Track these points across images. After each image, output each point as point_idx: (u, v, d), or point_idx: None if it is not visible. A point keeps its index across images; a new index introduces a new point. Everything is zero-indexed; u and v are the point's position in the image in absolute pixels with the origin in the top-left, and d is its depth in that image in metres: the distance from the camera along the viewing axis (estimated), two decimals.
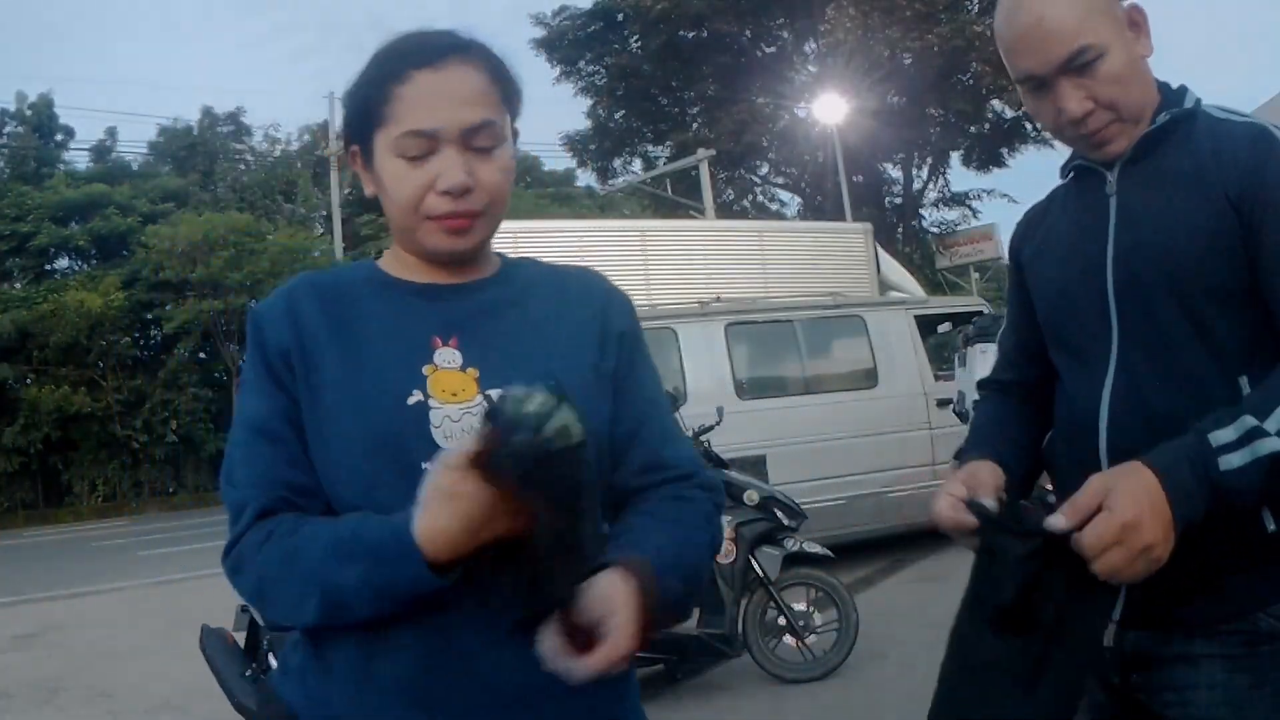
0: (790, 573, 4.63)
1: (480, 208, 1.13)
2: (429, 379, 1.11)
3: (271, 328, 1.15)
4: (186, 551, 12.35)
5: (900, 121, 21.83)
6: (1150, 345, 1.29)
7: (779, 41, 24.07)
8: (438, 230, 1.13)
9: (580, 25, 23.33)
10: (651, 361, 1.28)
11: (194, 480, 22.11)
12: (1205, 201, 1.25)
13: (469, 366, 1.12)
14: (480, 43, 1.16)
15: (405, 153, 1.11)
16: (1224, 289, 1.24)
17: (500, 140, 1.14)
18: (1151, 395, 1.28)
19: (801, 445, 6.95)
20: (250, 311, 1.19)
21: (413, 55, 1.12)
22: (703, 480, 1.21)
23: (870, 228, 9.86)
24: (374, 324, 1.15)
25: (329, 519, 1.09)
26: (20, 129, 25.55)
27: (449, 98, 1.11)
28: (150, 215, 22.60)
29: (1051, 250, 1.43)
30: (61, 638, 7.42)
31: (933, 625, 5.48)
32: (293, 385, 1.13)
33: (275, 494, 1.11)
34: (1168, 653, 1.30)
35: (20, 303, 20.88)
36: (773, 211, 25.73)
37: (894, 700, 4.30)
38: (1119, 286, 1.31)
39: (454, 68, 1.12)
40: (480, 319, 1.16)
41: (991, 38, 1.51)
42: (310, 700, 1.15)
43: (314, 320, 1.15)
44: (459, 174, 1.10)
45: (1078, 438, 1.36)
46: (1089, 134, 1.31)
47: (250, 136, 28.22)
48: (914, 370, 7.50)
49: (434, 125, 1.10)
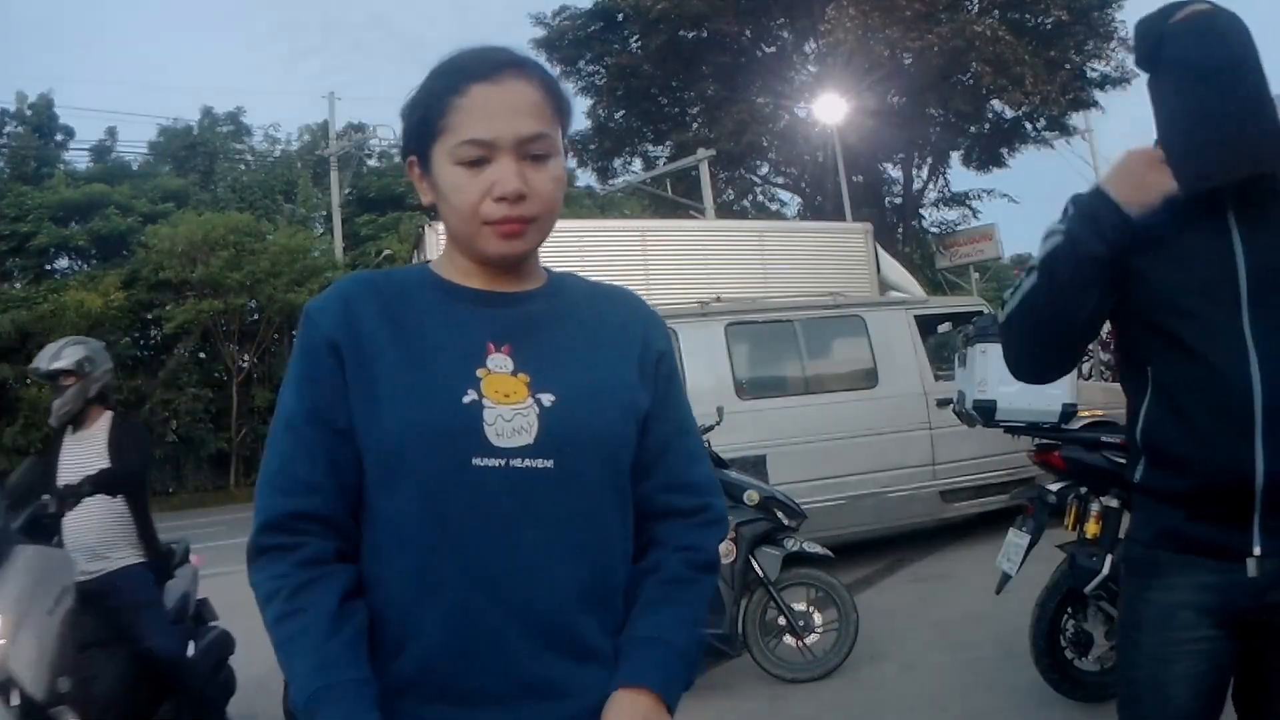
0: (790, 573, 4.63)
1: (533, 214, 1.19)
2: (483, 381, 1.17)
3: (324, 318, 1.20)
4: None
5: (900, 121, 21.82)
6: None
7: (779, 41, 24.06)
8: (493, 235, 1.19)
9: (580, 25, 23.31)
10: (682, 384, 1.37)
11: (194, 480, 22.09)
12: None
13: (520, 372, 1.18)
14: (534, 60, 1.24)
15: (463, 159, 1.17)
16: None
17: (553, 152, 1.21)
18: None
19: (801, 445, 6.95)
20: (305, 307, 1.25)
21: (471, 70, 1.18)
22: (714, 515, 1.33)
23: (870, 228, 9.85)
24: (430, 324, 1.21)
25: (320, 618, 1.14)
26: (20, 129, 25.52)
27: (505, 109, 1.17)
28: (150, 215, 22.57)
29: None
30: None
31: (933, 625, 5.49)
32: (337, 375, 1.18)
33: (287, 502, 1.17)
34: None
35: (20, 303, 20.84)
36: (773, 211, 25.74)
37: (894, 700, 4.30)
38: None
39: (510, 82, 1.18)
40: (531, 328, 1.23)
41: (991, 38, 1.55)
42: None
43: (370, 315, 1.20)
44: (514, 180, 1.16)
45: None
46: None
47: (250, 136, 28.23)
48: (914, 370, 7.50)
49: (491, 135, 1.16)
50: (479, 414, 1.15)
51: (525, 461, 1.16)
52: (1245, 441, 1.62)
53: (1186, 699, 1.70)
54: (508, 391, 1.17)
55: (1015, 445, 5.60)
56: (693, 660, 1.25)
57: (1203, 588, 1.69)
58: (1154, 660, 1.73)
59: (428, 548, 1.15)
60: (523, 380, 1.18)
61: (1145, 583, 1.78)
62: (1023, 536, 3.94)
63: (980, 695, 4.20)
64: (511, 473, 1.15)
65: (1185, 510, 1.71)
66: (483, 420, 1.15)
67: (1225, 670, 1.73)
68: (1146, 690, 1.74)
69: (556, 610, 1.16)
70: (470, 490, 1.14)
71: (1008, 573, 3.97)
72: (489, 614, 1.14)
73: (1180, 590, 1.71)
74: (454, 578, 1.14)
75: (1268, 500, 1.63)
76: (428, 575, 1.15)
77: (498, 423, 1.16)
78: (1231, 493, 1.64)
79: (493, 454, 1.15)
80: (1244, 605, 1.67)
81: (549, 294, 1.28)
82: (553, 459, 1.16)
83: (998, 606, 4.62)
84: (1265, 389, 1.61)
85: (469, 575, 1.14)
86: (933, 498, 7.46)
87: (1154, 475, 1.75)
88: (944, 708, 4.13)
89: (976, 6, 20.59)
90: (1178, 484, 1.70)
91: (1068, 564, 3.78)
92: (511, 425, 1.16)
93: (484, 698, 1.14)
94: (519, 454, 1.16)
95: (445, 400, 1.16)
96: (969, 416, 4.19)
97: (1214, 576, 1.69)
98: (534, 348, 1.21)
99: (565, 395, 1.19)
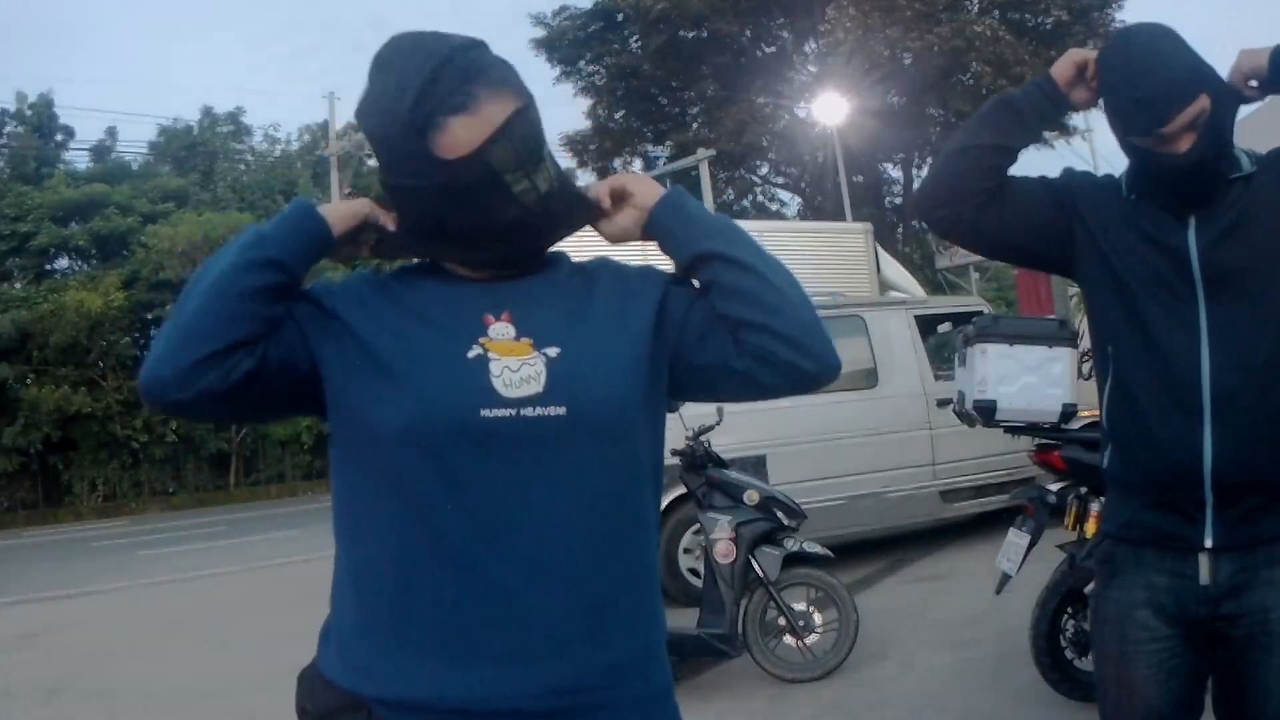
0: (790, 573, 4.63)
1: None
2: (487, 348, 1.18)
3: (338, 294, 1.23)
4: (186, 551, 12.37)
5: (900, 121, 21.80)
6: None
7: (779, 41, 24.04)
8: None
9: (580, 25, 23.29)
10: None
11: (194, 480, 22.10)
12: None
13: (522, 337, 1.19)
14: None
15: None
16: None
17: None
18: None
19: (801, 445, 6.95)
20: (317, 281, 1.27)
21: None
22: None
23: (870, 228, 9.85)
24: (431, 305, 1.22)
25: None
26: (20, 129, 25.54)
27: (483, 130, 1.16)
28: (150, 215, 22.58)
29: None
30: (61, 638, 7.42)
31: (933, 625, 5.51)
32: (310, 324, 1.20)
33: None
34: (1257, 580, 1.66)
35: (20, 303, 20.84)
36: (773, 211, 25.72)
37: (894, 700, 4.30)
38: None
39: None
40: (528, 295, 1.23)
41: (992, 38, 1.63)
42: (348, 666, 1.18)
43: (367, 292, 1.23)
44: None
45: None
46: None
47: (250, 136, 28.25)
48: (914, 370, 7.50)
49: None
50: (485, 366, 1.16)
51: (536, 410, 1.14)
52: (1194, 430, 1.66)
53: (1154, 698, 1.72)
54: (512, 350, 1.18)
55: (1015, 445, 5.60)
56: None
57: (1154, 587, 1.73)
58: (1117, 659, 1.76)
59: (435, 505, 1.14)
60: (526, 343, 1.19)
61: (1106, 582, 1.82)
62: (1023, 536, 3.94)
63: (980, 695, 4.20)
64: (521, 422, 1.14)
65: (1142, 499, 1.75)
66: (489, 372, 1.15)
67: (1192, 674, 1.74)
68: (1114, 688, 1.78)
69: (569, 564, 1.15)
70: (479, 443, 1.13)
71: (1008, 573, 3.97)
72: (497, 568, 1.13)
73: (1134, 589, 1.75)
74: (462, 534, 1.13)
75: (1219, 491, 1.66)
76: (435, 532, 1.14)
77: (504, 374, 1.15)
78: (1182, 481, 1.68)
79: (502, 404, 1.14)
80: (1199, 612, 1.70)
81: (547, 265, 1.30)
82: (565, 405, 1.15)
83: (998, 606, 4.62)
84: (1214, 378, 1.65)
85: (478, 530, 1.13)
86: (933, 498, 7.46)
87: (1116, 463, 1.79)
88: (944, 707, 4.13)
89: (976, 6, 20.59)
90: (1134, 471, 1.75)
91: (1068, 564, 3.78)
92: (519, 375, 1.15)
93: (492, 654, 1.13)
94: (529, 403, 1.15)
95: (450, 357, 1.16)
96: (969, 416, 4.18)
97: (1165, 577, 1.72)
98: (533, 313, 1.21)
99: (570, 347, 1.19)
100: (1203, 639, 1.72)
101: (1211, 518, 1.67)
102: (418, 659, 1.14)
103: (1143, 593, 1.74)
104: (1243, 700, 1.73)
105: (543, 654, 1.14)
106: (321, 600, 1.28)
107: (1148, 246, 1.71)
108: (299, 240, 1.19)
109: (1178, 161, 1.65)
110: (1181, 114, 1.61)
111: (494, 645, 1.13)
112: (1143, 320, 1.71)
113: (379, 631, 1.17)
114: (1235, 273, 1.67)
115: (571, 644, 1.15)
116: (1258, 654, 1.67)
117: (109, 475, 21.29)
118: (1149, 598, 1.73)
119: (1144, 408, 1.71)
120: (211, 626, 7.22)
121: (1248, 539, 1.67)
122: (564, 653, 1.14)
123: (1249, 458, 1.65)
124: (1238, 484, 1.66)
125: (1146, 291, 1.71)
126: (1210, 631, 1.71)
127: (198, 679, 5.75)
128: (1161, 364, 1.69)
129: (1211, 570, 1.68)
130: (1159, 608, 1.72)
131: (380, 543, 1.17)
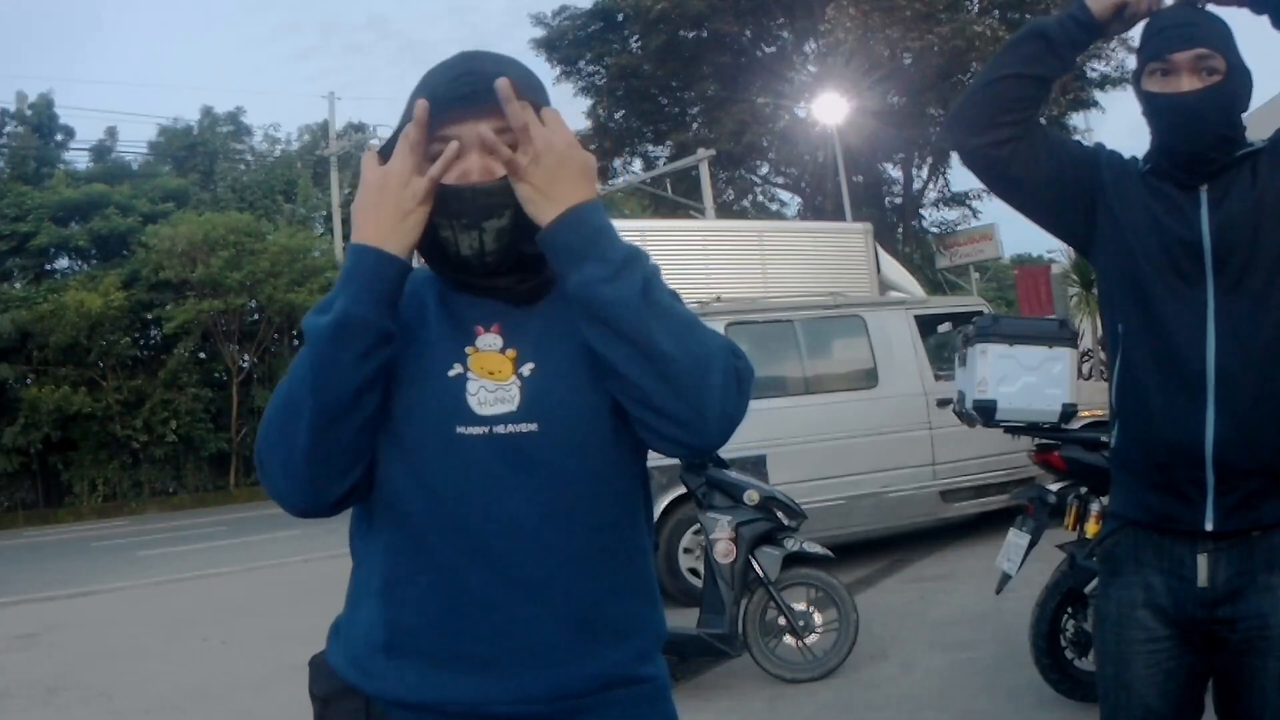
0: (790, 573, 4.63)
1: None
2: (470, 357, 1.21)
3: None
4: (186, 551, 12.36)
5: (900, 121, 21.81)
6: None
7: (779, 41, 24.06)
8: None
9: (580, 25, 23.32)
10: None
11: (194, 480, 22.08)
12: None
13: (508, 348, 1.22)
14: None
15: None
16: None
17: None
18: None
19: (801, 445, 6.95)
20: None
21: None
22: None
23: (870, 228, 9.84)
24: (430, 316, 1.25)
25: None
26: (20, 129, 25.49)
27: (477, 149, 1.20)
28: (150, 215, 22.56)
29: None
30: (61, 638, 7.41)
31: (933, 625, 5.51)
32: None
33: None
34: (1255, 585, 1.66)
35: (20, 303, 20.83)
36: (773, 211, 25.74)
37: (894, 700, 4.30)
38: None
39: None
40: (521, 308, 1.25)
41: (991, 38, 1.63)
42: (349, 661, 1.23)
43: (409, 290, 1.26)
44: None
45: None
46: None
47: (250, 136, 28.21)
48: (914, 370, 7.50)
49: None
50: (462, 385, 1.19)
51: (509, 427, 1.18)
52: (1197, 411, 1.67)
53: (1152, 699, 1.73)
54: (493, 369, 1.21)
55: (1015, 445, 5.60)
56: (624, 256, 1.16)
57: (1152, 588, 1.73)
58: (1116, 659, 1.77)
59: (417, 517, 1.18)
60: (509, 356, 1.21)
61: (1107, 581, 1.83)
62: (1023, 536, 3.94)
63: (980, 695, 4.20)
64: (496, 439, 1.18)
65: (1144, 480, 1.75)
66: (465, 391, 1.19)
67: (1191, 675, 1.75)
68: (1113, 688, 1.78)
69: (551, 575, 1.18)
70: (456, 457, 1.17)
71: (1008, 573, 3.97)
72: (479, 580, 1.16)
73: (1133, 589, 1.75)
74: (443, 545, 1.17)
75: (1219, 473, 1.66)
76: (417, 544, 1.18)
77: (480, 393, 1.19)
78: (1183, 462, 1.68)
79: (476, 422, 1.18)
80: (1196, 614, 1.71)
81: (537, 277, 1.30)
82: (536, 422, 1.19)
83: (998, 606, 4.63)
84: (1218, 360, 1.66)
85: (458, 541, 1.17)
86: (933, 498, 7.46)
87: (1121, 442, 1.80)
88: (944, 707, 4.13)
89: (976, 6, 20.60)
90: (1138, 451, 1.76)
91: (1068, 564, 3.78)
92: (495, 395, 1.19)
93: (474, 662, 1.17)
94: (502, 420, 1.18)
95: (432, 376, 1.20)
96: (969, 416, 4.18)
97: (1163, 578, 1.73)
98: (522, 325, 1.24)
99: (546, 363, 1.21)
100: (1201, 640, 1.72)
101: (1212, 501, 1.68)
102: (407, 663, 1.18)
103: (1141, 593, 1.74)
104: (1240, 704, 1.73)
105: (529, 663, 1.17)
106: (321, 600, 1.30)
107: (1160, 226, 1.73)
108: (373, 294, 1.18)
109: (1180, 100, 1.68)
110: (1196, 49, 1.67)
111: (479, 654, 1.17)
112: (1150, 299, 1.72)
113: (373, 634, 1.21)
114: (1245, 256, 1.68)
115: (557, 652, 1.18)
116: (1255, 659, 1.68)
117: (109, 475, 21.28)
118: (1147, 598, 1.74)
119: (1149, 387, 1.72)
120: (211, 626, 7.21)
121: (1247, 524, 1.68)
122: (550, 661, 1.18)
123: (1250, 441, 1.66)
124: (1239, 467, 1.66)
125: (1156, 271, 1.72)
126: (1208, 634, 1.72)
127: (198, 679, 5.75)
128: (1167, 344, 1.70)
129: (1210, 572, 1.69)
130: (1157, 608, 1.73)
131: (375, 550, 1.23)
